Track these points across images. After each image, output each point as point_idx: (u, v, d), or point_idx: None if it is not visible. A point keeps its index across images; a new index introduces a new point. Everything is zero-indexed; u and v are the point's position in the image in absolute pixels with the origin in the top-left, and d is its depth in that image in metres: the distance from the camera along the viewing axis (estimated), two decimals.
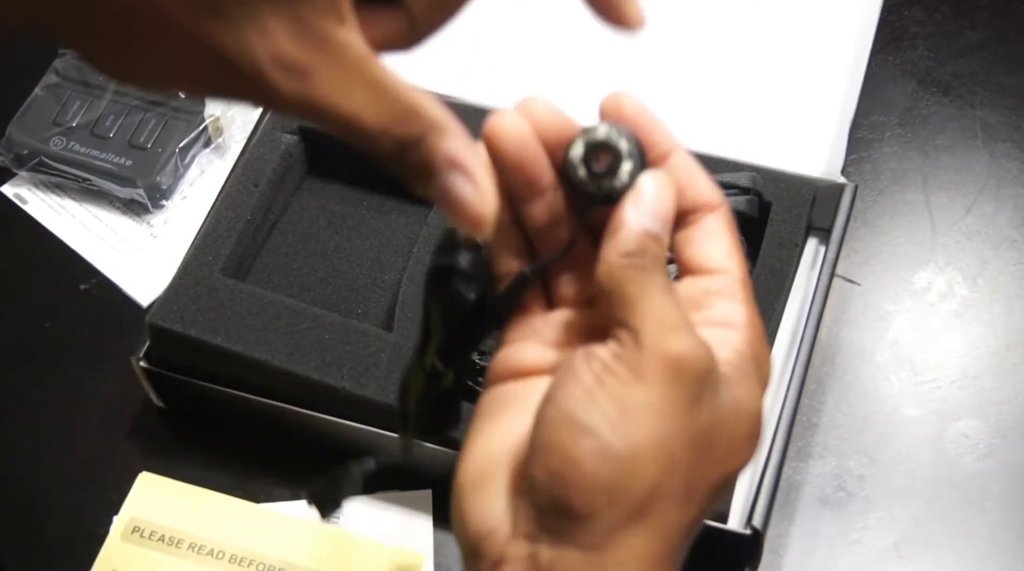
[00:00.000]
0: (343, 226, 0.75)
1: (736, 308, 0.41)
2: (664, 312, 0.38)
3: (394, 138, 0.36)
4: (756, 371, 0.40)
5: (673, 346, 0.37)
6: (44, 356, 0.76)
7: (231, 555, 0.66)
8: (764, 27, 0.84)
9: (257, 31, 0.33)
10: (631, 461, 0.37)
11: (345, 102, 0.35)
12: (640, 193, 0.40)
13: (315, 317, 0.67)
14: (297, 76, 0.34)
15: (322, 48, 0.34)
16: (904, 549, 0.66)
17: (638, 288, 0.38)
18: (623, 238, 0.39)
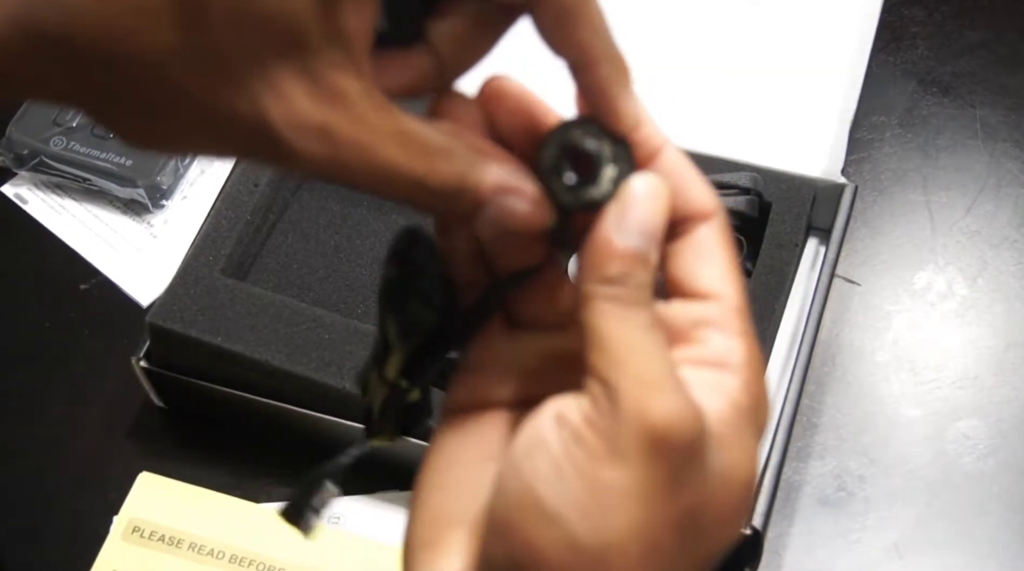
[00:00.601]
0: (343, 226, 0.75)
1: (732, 343, 0.35)
2: (647, 364, 0.32)
3: (434, 186, 0.33)
4: (753, 423, 0.35)
5: (656, 413, 0.32)
6: (44, 356, 0.76)
7: (231, 555, 0.66)
8: (764, 27, 0.84)
9: (270, 92, 0.31)
10: (604, 556, 0.32)
11: (373, 157, 0.32)
12: (625, 203, 0.34)
13: (315, 317, 0.67)
14: (318, 136, 0.31)
15: (341, 104, 0.31)
16: (904, 549, 0.66)
17: (617, 329, 0.33)
18: (602, 261, 0.34)
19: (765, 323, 0.67)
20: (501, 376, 0.38)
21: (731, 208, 0.70)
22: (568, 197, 0.35)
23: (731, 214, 0.70)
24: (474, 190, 0.34)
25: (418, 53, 0.35)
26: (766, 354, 0.67)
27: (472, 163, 0.34)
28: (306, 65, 0.31)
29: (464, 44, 0.35)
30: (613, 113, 0.35)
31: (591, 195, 0.35)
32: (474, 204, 0.34)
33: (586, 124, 0.36)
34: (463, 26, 0.35)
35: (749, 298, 0.69)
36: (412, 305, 0.37)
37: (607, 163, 0.35)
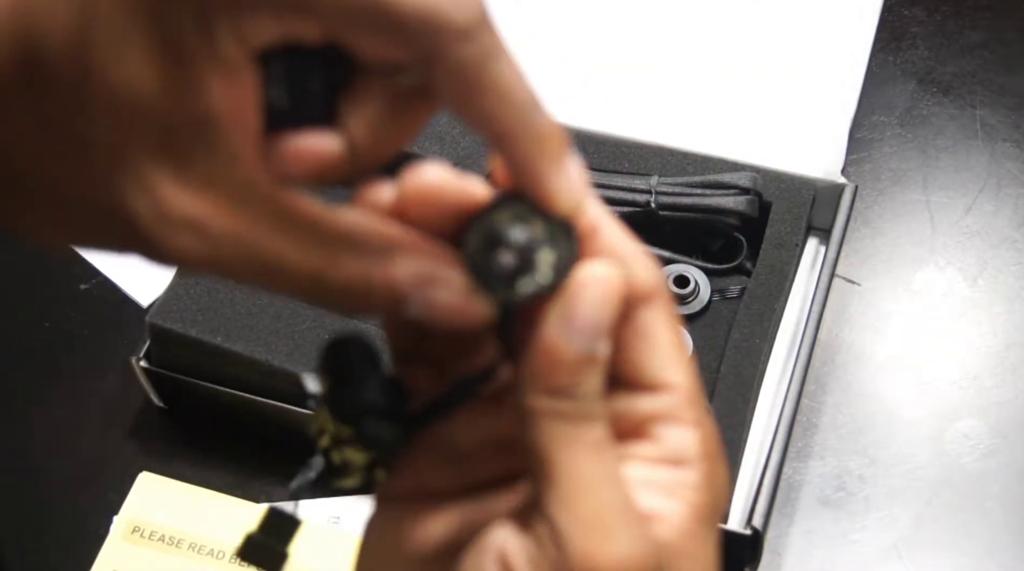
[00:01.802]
0: None
1: (688, 436, 0.32)
2: (597, 501, 0.29)
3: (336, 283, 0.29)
4: (711, 522, 0.32)
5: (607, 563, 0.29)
6: (44, 356, 0.76)
7: (231, 555, 0.66)
8: (764, 27, 0.84)
9: (132, 183, 0.27)
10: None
11: (257, 252, 0.28)
12: (570, 299, 0.30)
13: (315, 317, 0.67)
14: (190, 231, 0.27)
15: (214, 192, 0.27)
16: (904, 549, 0.66)
17: (566, 455, 0.29)
18: (546, 371, 0.30)
19: (765, 323, 0.67)
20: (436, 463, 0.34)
21: (731, 208, 0.70)
22: (502, 291, 0.30)
23: (731, 214, 0.70)
24: (387, 286, 0.30)
25: (327, 136, 0.30)
26: (766, 354, 0.67)
27: (382, 256, 0.29)
28: (168, 148, 0.27)
29: (382, 128, 0.30)
30: (543, 195, 0.30)
31: (526, 289, 0.30)
32: (391, 300, 0.30)
33: (515, 203, 0.30)
34: (380, 107, 0.30)
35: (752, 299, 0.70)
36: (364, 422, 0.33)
37: (542, 247, 0.30)
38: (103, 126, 0.27)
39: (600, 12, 0.85)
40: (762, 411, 0.67)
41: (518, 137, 0.29)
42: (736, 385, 0.65)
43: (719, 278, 0.72)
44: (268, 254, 0.28)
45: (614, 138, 0.74)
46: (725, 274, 0.72)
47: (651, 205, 0.71)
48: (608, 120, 0.76)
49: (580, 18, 0.85)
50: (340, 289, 0.29)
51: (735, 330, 0.67)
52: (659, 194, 0.71)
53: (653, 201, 0.71)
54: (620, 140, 0.74)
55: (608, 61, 0.82)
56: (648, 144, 0.74)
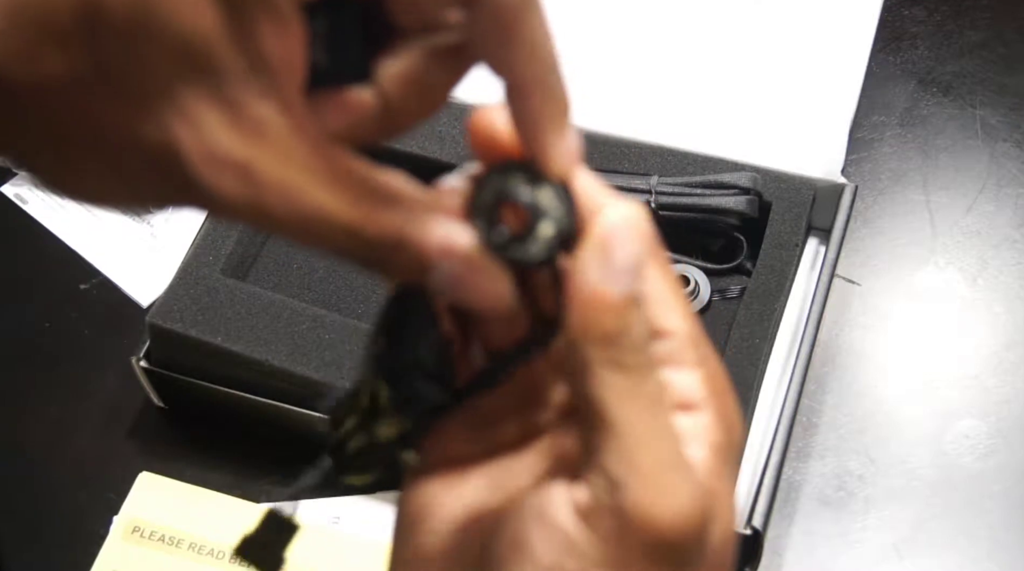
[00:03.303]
0: None
1: (692, 378, 0.32)
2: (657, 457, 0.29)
3: (369, 237, 0.29)
4: (731, 457, 0.32)
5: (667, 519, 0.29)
6: (44, 356, 0.76)
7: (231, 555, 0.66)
8: (764, 27, 0.84)
9: (180, 119, 0.27)
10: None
11: (301, 201, 0.28)
12: (606, 242, 0.30)
13: (315, 317, 0.67)
14: (237, 175, 0.28)
15: (264, 138, 0.28)
16: (904, 549, 0.66)
17: (625, 409, 0.29)
18: (595, 316, 0.29)
19: (765, 323, 0.67)
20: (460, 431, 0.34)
21: (731, 208, 0.70)
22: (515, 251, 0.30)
23: (731, 214, 0.70)
24: (417, 246, 0.29)
25: (363, 94, 0.31)
26: (766, 354, 0.67)
27: (418, 215, 0.29)
28: (221, 92, 0.27)
29: (415, 86, 0.31)
30: (541, 154, 0.30)
31: (518, 255, 0.30)
32: (418, 264, 0.30)
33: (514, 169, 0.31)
34: (414, 65, 0.31)
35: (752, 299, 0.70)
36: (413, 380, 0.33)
37: (543, 219, 0.30)
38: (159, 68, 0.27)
39: (600, 12, 0.85)
40: (762, 411, 0.67)
41: (534, 91, 0.30)
42: (736, 385, 0.65)
43: (719, 278, 0.72)
44: (311, 204, 0.28)
45: (614, 138, 0.74)
46: (725, 274, 0.72)
47: (651, 205, 0.71)
48: (608, 120, 0.76)
49: (580, 18, 0.85)
50: (371, 244, 0.29)
51: (735, 330, 0.67)
52: (659, 194, 0.71)
53: (653, 201, 0.71)
54: (620, 140, 0.74)
55: (608, 61, 0.82)
56: (648, 144, 0.74)
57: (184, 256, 0.70)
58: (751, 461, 0.65)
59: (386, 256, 0.30)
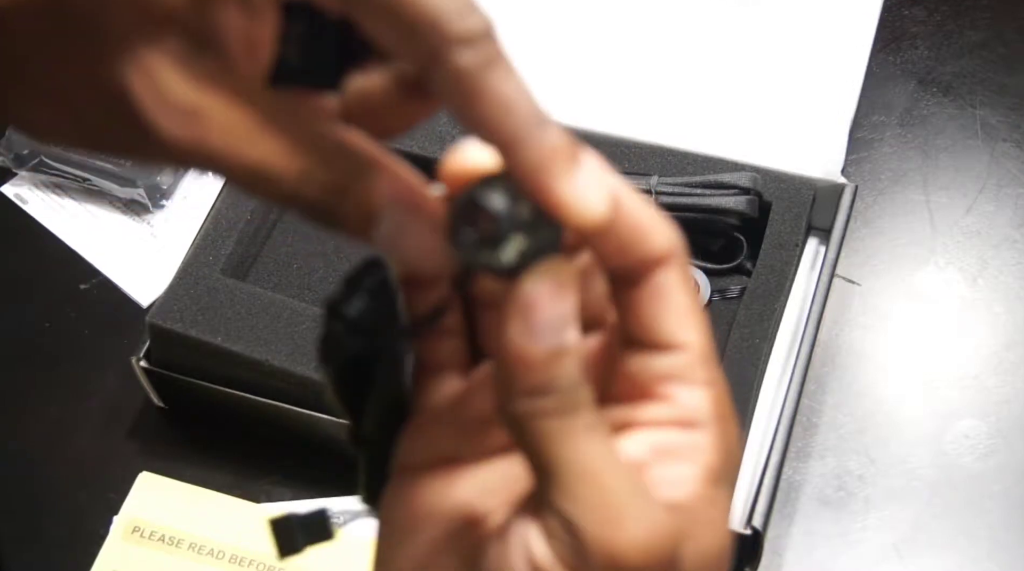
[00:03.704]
0: None
1: (700, 396, 0.32)
2: (603, 488, 0.29)
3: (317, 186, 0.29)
4: (726, 483, 0.32)
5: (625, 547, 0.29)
6: (44, 356, 0.76)
7: (231, 555, 0.66)
8: (764, 27, 0.84)
9: (140, 70, 0.28)
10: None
11: (248, 147, 0.29)
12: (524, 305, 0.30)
13: (315, 317, 0.67)
14: (185, 119, 0.28)
15: (216, 85, 0.29)
16: (904, 549, 0.66)
17: (558, 451, 0.29)
18: (521, 374, 0.29)
19: (765, 323, 0.67)
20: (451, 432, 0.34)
21: (731, 208, 0.70)
22: (464, 252, 0.30)
23: (731, 214, 0.70)
24: (363, 195, 0.30)
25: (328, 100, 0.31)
26: (766, 354, 0.67)
27: (364, 170, 0.30)
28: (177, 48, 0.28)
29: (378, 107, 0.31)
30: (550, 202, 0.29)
31: (485, 260, 0.30)
32: (364, 214, 0.30)
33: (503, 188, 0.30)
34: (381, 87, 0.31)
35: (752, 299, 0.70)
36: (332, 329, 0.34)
37: (516, 232, 0.29)
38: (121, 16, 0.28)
39: (601, 12, 0.85)
40: (762, 411, 0.67)
41: (520, 148, 0.29)
42: (736, 385, 0.65)
43: (719, 278, 0.72)
44: (258, 150, 0.29)
45: (614, 138, 0.74)
46: (725, 274, 0.72)
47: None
48: (608, 120, 0.76)
49: (580, 18, 0.85)
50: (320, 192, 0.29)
51: (735, 330, 0.67)
52: (659, 194, 0.71)
53: (653, 201, 0.71)
54: (620, 140, 0.74)
55: (608, 61, 0.82)
56: (648, 144, 0.74)
57: (184, 256, 0.70)
58: (751, 461, 0.65)
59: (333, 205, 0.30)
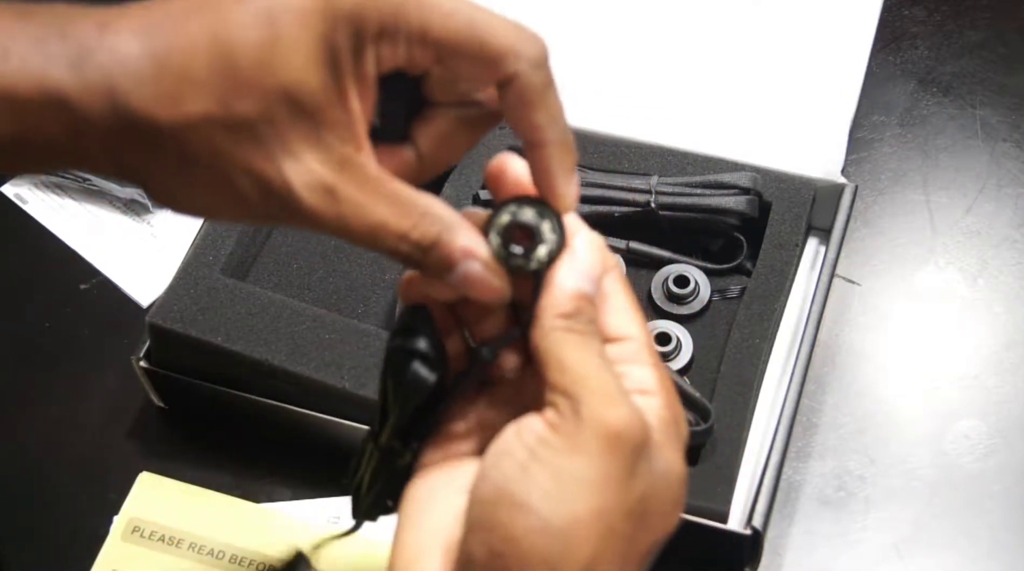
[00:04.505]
0: None
1: (648, 373, 0.41)
2: (603, 381, 0.39)
3: (414, 241, 0.40)
4: (676, 434, 0.41)
5: (613, 418, 0.38)
6: (44, 356, 0.76)
7: (231, 555, 0.66)
8: (764, 27, 0.84)
9: (290, 158, 0.38)
10: (570, 534, 0.37)
11: (370, 214, 0.39)
12: (575, 254, 0.41)
13: (315, 317, 0.67)
14: (326, 195, 0.38)
15: (345, 170, 0.38)
16: (904, 549, 0.66)
17: (577, 353, 0.39)
18: (560, 300, 0.40)
19: (765, 323, 0.67)
20: (470, 434, 0.44)
21: (731, 208, 0.70)
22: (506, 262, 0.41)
23: (731, 214, 0.70)
24: (447, 248, 0.40)
25: (403, 149, 0.43)
26: (766, 354, 0.67)
27: (448, 225, 0.40)
28: (318, 135, 0.38)
29: (443, 145, 0.43)
30: (553, 192, 0.41)
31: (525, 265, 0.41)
32: (446, 262, 0.40)
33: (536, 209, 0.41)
34: (443, 130, 0.43)
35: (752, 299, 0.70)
36: (412, 366, 0.41)
37: (544, 243, 0.41)
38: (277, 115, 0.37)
39: (601, 12, 0.85)
40: (762, 411, 0.67)
41: (551, 147, 0.41)
42: (736, 385, 0.65)
43: (719, 278, 0.72)
44: (376, 216, 0.39)
45: (614, 138, 0.74)
46: (725, 274, 0.72)
47: (651, 205, 0.71)
48: (608, 120, 0.76)
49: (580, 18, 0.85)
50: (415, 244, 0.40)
51: (735, 330, 0.67)
52: (659, 194, 0.71)
53: (653, 201, 0.71)
54: (620, 140, 0.74)
55: (608, 61, 0.82)
56: (648, 144, 0.74)
57: (184, 256, 0.70)
58: (751, 461, 0.65)
59: (424, 254, 0.40)
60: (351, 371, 0.65)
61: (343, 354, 0.65)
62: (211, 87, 0.37)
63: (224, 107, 0.37)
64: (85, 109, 0.37)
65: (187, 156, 0.38)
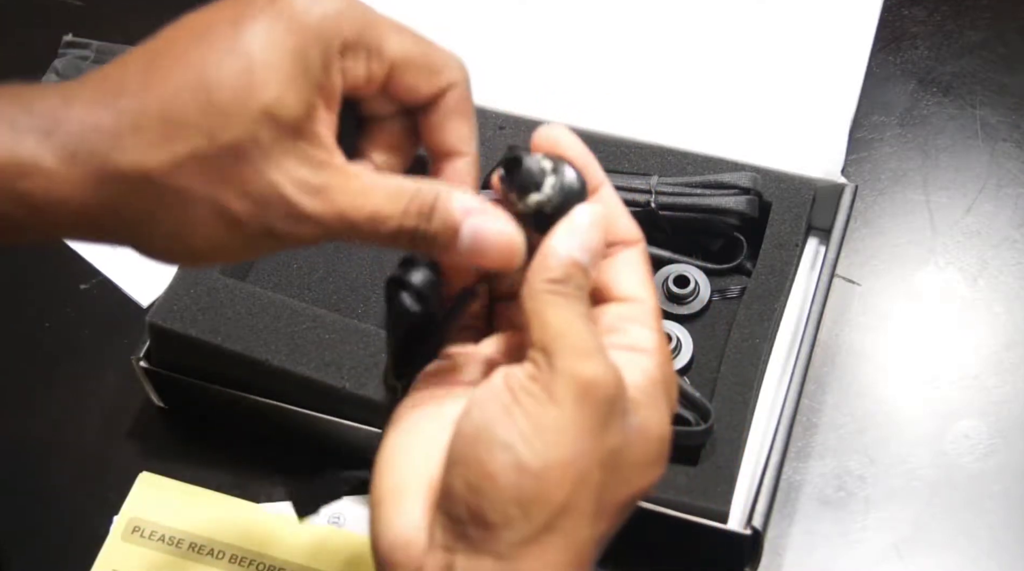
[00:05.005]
0: None
1: (648, 334, 0.43)
2: (580, 338, 0.40)
3: (415, 212, 0.42)
4: (664, 395, 0.43)
5: (585, 371, 0.39)
6: (44, 356, 0.76)
7: (231, 555, 0.66)
8: (764, 27, 0.84)
9: (277, 170, 0.40)
10: (544, 476, 0.39)
11: (366, 203, 0.41)
12: (573, 223, 0.42)
13: (315, 317, 0.67)
14: (318, 194, 0.40)
15: (328, 171, 0.41)
16: (904, 549, 0.66)
17: (556, 312, 0.41)
18: (549, 265, 0.41)
19: (765, 323, 0.67)
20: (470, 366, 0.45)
21: (731, 208, 0.70)
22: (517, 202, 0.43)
23: (731, 214, 0.70)
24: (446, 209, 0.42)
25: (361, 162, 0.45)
26: (766, 354, 0.67)
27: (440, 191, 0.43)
28: (297, 146, 0.40)
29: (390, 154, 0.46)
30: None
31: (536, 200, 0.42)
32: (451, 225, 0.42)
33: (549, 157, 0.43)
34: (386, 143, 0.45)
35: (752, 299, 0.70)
36: (400, 296, 0.44)
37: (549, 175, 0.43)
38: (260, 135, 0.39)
39: (601, 12, 0.85)
40: (762, 411, 0.67)
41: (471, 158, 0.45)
42: (736, 385, 0.65)
43: (719, 278, 0.72)
44: (372, 202, 0.41)
45: (614, 138, 0.74)
46: (725, 274, 0.72)
47: (651, 205, 0.71)
48: (608, 120, 0.76)
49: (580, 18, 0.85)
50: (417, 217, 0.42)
51: (735, 330, 0.67)
52: (659, 194, 0.71)
53: (653, 201, 0.71)
54: (620, 140, 0.74)
55: (609, 61, 0.82)
56: (648, 144, 0.74)
57: None
58: (751, 461, 0.65)
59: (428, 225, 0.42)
60: (351, 371, 0.65)
61: (343, 354, 0.65)
62: (194, 125, 0.39)
63: (211, 139, 0.39)
64: (61, 177, 0.38)
65: (181, 195, 0.39)
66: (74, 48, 0.88)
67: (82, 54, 0.88)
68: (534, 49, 0.83)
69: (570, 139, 0.44)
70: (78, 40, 0.89)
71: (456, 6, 0.85)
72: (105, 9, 0.93)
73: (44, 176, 0.38)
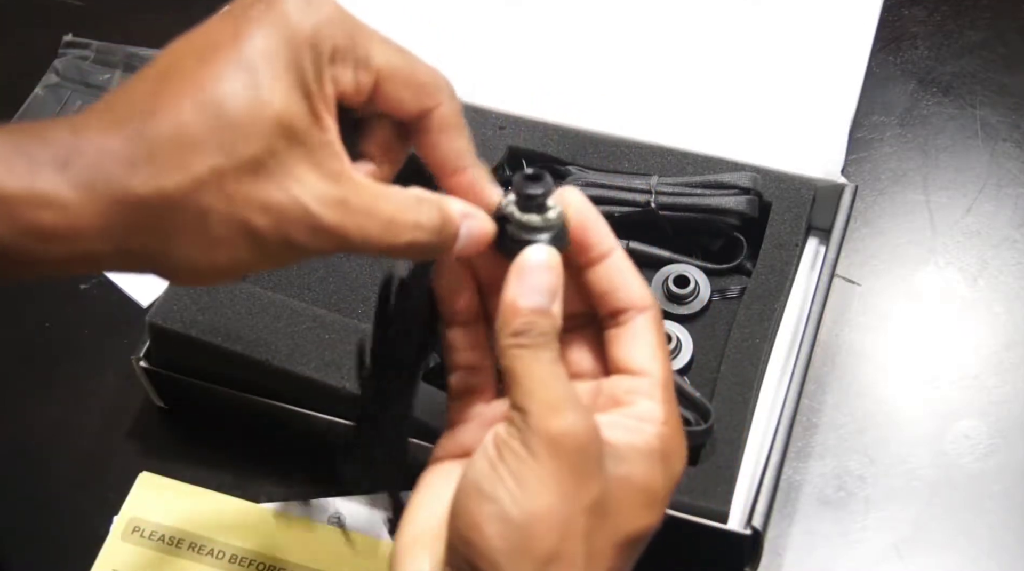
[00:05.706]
0: None
1: (655, 407, 0.45)
2: (548, 393, 0.42)
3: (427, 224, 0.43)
4: (662, 465, 0.44)
5: (555, 426, 0.41)
6: (44, 356, 0.76)
7: (231, 555, 0.66)
8: (764, 27, 0.84)
9: (297, 183, 0.40)
10: (528, 527, 0.41)
11: (380, 214, 0.42)
12: (521, 269, 0.44)
13: (315, 317, 0.67)
14: (339, 207, 0.41)
15: (343, 182, 0.41)
16: (904, 549, 0.66)
17: (524, 367, 0.43)
18: (508, 319, 0.43)
19: (765, 323, 0.67)
20: (478, 430, 0.47)
21: (731, 208, 0.70)
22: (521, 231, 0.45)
23: (731, 214, 0.70)
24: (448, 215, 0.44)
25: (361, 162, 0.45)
26: (766, 354, 0.67)
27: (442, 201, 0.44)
28: (311, 156, 0.41)
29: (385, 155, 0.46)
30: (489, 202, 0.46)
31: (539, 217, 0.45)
32: (454, 230, 0.44)
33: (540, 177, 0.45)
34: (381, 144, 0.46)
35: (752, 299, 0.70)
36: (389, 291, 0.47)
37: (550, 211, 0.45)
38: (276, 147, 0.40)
39: (601, 12, 0.85)
40: (762, 411, 0.67)
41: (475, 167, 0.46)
42: (736, 385, 0.65)
43: (719, 278, 0.72)
44: (386, 215, 0.42)
45: (614, 138, 0.74)
46: (725, 274, 0.72)
47: (651, 205, 0.71)
48: (608, 120, 0.76)
49: (581, 18, 0.85)
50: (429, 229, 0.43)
51: (735, 330, 0.67)
52: (659, 194, 0.71)
53: (653, 201, 0.71)
54: (620, 140, 0.74)
55: (608, 61, 0.82)
56: (648, 144, 0.74)
57: None
58: (751, 461, 0.65)
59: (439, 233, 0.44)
60: (351, 371, 0.65)
61: (343, 354, 0.65)
62: (209, 142, 0.39)
63: (229, 156, 0.39)
64: (78, 208, 0.38)
65: (202, 215, 0.39)
66: (74, 48, 0.88)
67: (82, 54, 0.88)
68: (535, 49, 0.83)
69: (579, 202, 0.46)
70: (78, 40, 0.89)
71: (456, 6, 0.85)
72: (105, 9, 0.93)
73: (61, 207, 0.38)
